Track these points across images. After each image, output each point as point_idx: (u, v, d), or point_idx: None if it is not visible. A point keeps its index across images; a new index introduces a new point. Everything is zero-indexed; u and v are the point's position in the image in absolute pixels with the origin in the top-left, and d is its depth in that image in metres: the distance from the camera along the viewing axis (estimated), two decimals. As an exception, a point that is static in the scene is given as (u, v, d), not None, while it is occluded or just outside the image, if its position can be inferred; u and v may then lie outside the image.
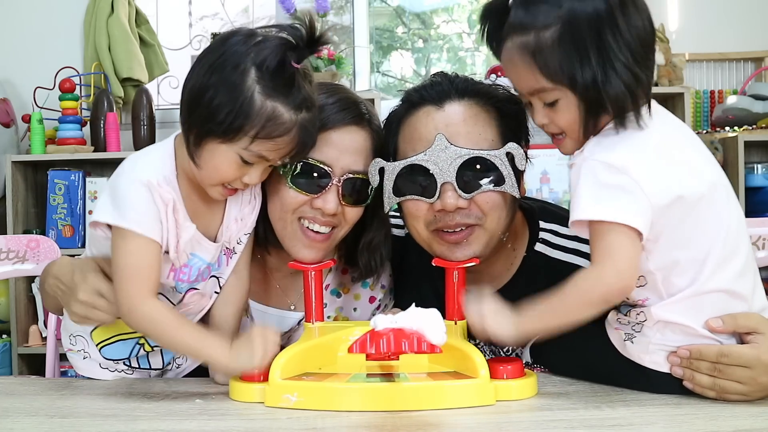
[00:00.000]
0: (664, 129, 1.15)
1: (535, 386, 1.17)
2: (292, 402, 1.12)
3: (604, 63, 1.08)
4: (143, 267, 1.20)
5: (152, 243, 1.21)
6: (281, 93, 1.18)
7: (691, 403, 1.11)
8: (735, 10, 3.50)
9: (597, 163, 1.09)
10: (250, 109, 1.16)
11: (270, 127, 1.17)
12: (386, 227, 1.51)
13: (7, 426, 1.08)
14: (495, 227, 1.37)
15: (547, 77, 1.11)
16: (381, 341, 1.06)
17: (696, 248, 1.10)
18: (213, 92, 1.17)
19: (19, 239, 1.83)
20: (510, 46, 1.14)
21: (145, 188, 1.20)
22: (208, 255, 1.31)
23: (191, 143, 1.21)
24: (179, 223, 1.24)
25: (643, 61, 1.11)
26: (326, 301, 1.56)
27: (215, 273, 1.36)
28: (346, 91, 1.48)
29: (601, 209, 1.07)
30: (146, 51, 3.43)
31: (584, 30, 1.08)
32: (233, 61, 1.17)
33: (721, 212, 1.12)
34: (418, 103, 1.40)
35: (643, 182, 1.07)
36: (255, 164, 1.23)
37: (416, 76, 4.25)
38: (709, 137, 3.25)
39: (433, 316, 1.09)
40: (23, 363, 3.07)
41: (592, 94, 1.09)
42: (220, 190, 1.26)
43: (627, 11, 1.09)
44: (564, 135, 1.17)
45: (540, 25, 1.10)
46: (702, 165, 1.14)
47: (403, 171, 1.35)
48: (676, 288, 1.11)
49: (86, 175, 3.17)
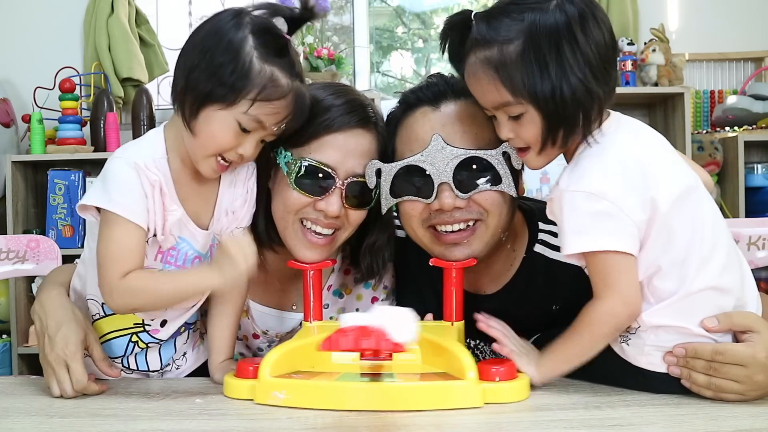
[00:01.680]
0: (631, 142, 1.15)
1: (527, 389, 1.16)
2: (281, 399, 1.13)
3: (560, 77, 1.09)
4: (125, 252, 1.21)
5: (136, 228, 1.21)
6: (277, 60, 1.22)
7: (691, 403, 1.11)
8: (735, 10, 3.50)
9: (574, 193, 1.11)
10: (251, 71, 1.20)
11: (269, 89, 1.21)
12: (389, 230, 1.51)
13: (7, 426, 1.08)
14: (497, 224, 1.37)
15: (511, 91, 1.12)
16: (344, 339, 1.06)
17: (675, 251, 1.11)
18: (213, 55, 1.20)
19: (19, 239, 1.83)
20: (473, 60, 1.15)
21: (131, 169, 1.22)
22: (197, 243, 1.31)
23: (187, 112, 1.23)
24: (166, 205, 1.25)
25: (602, 77, 1.11)
26: (328, 302, 1.57)
27: None
28: (354, 92, 1.47)
29: (591, 240, 1.09)
30: (146, 51, 3.43)
31: (544, 43, 1.09)
32: (227, 31, 1.21)
33: (695, 213, 1.13)
34: (414, 104, 1.41)
35: (622, 203, 1.08)
36: (252, 133, 1.24)
37: (416, 76, 4.25)
38: (709, 137, 3.25)
39: (401, 314, 1.10)
40: (23, 363, 3.07)
41: (550, 107, 1.10)
42: (212, 164, 1.26)
43: (586, 25, 1.10)
44: (529, 149, 1.18)
45: (503, 39, 1.11)
46: (673, 170, 1.15)
47: (399, 172, 1.35)
48: (661, 291, 1.12)
49: (86, 175, 3.17)
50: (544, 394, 1.18)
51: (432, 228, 1.37)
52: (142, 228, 1.22)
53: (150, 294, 1.23)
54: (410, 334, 1.08)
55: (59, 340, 1.24)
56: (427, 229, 1.38)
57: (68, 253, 2.05)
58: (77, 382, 1.21)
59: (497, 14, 1.13)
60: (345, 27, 3.84)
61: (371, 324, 1.08)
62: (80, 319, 1.29)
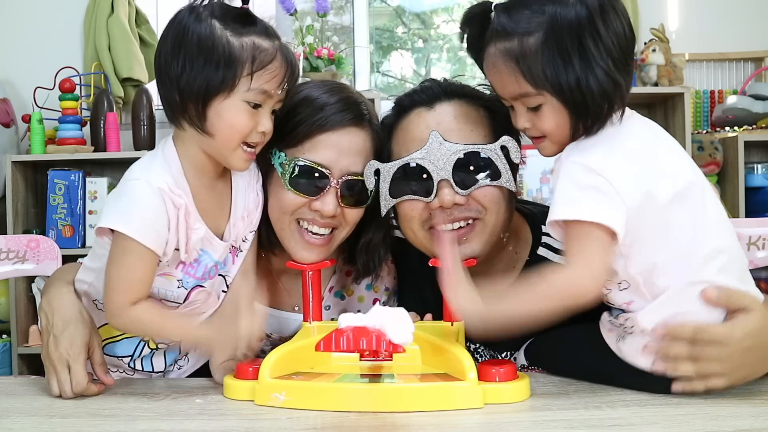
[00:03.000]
0: (638, 133, 1.16)
1: (527, 390, 1.16)
2: (281, 401, 1.13)
3: (585, 68, 1.09)
4: (136, 280, 1.22)
5: (150, 255, 1.21)
6: (250, 29, 1.23)
7: (691, 403, 1.10)
8: (735, 10, 3.50)
9: (574, 164, 1.11)
10: (233, 52, 1.21)
11: (259, 56, 1.22)
12: (385, 228, 1.51)
13: (7, 426, 1.08)
14: (495, 222, 1.37)
15: (531, 83, 1.12)
16: (341, 339, 1.06)
17: (673, 249, 1.11)
18: (196, 62, 1.20)
19: (19, 239, 1.83)
20: (493, 51, 1.16)
21: (156, 196, 1.21)
22: (216, 253, 1.32)
23: (195, 119, 1.22)
24: (189, 225, 1.25)
25: (623, 67, 1.12)
26: (330, 304, 1.56)
27: (222, 272, 1.36)
28: (348, 90, 1.47)
29: (579, 210, 1.08)
30: (146, 51, 3.43)
31: (566, 36, 1.09)
32: (193, 28, 1.21)
33: (696, 211, 1.12)
34: (409, 106, 1.41)
35: (618, 183, 1.08)
36: (263, 105, 1.24)
37: (416, 76, 4.25)
38: (709, 137, 3.25)
39: (398, 315, 1.09)
40: (23, 363, 3.07)
41: (576, 98, 1.11)
42: (241, 155, 1.26)
43: (607, 17, 1.10)
44: (544, 138, 1.18)
45: (523, 30, 1.11)
46: (676, 166, 1.15)
47: (399, 171, 1.35)
48: (659, 289, 1.12)
49: (86, 175, 3.17)
50: (544, 394, 1.18)
51: (432, 229, 1.37)
52: (157, 255, 1.22)
53: (153, 330, 1.29)
54: (408, 335, 1.08)
55: (64, 340, 1.24)
56: (428, 231, 1.38)
57: (68, 253, 2.05)
58: (77, 384, 1.21)
59: (517, 6, 1.14)
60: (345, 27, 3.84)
61: (369, 324, 1.07)
62: (87, 320, 1.29)
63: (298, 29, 3.20)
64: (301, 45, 3.15)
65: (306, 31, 3.17)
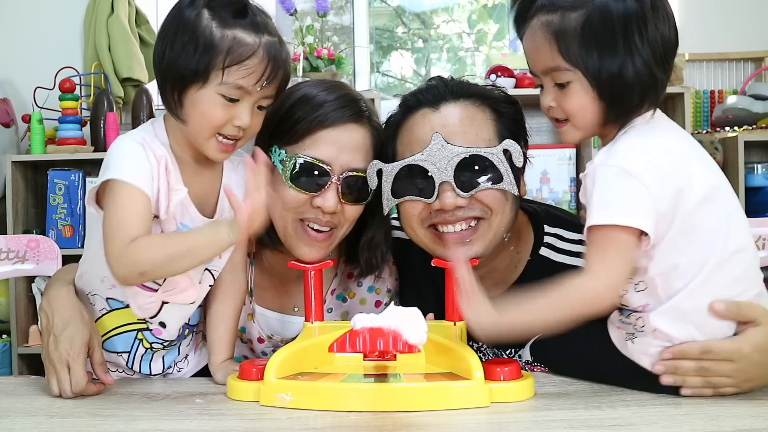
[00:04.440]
0: (668, 134, 1.16)
1: (531, 388, 1.16)
2: (287, 401, 1.13)
3: (626, 55, 1.10)
4: (130, 216, 1.19)
5: (141, 194, 1.20)
6: (237, 22, 1.21)
7: (691, 403, 1.10)
8: (735, 10, 3.50)
9: (608, 167, 1.11)
10: (212, 42, 1.19)
11: (235, 51, 1.20)
12: (386, 225, 1.51)
13: (7, 426, 1.08)
14: (499, 223, 1.37)
15: (566, 57, 1.13)
16: (357, 340, 1.06)
17: (695, 252, 1.10)
18: (176, 45, 1.21)
19: (19, 239, 1.83)
20: (535, 23, 1.16)
21: (138, 145, 1.22)
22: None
23: (174, 104, 1.23)
24: (171, 184, 1.24)
25: (663, 65, 1.13)
26: (332, 306, 1.57)
27: (209, 266, 1.35)
28: (347, 88, 1.48)
29: (615, 214, 1.08)
30: (146, 51, 3.42)
31: (613, 23, 1.10)
32: (186, 14, 1.21)
33: (721, 215, 1.12)
34: (414, 106, 1.41)
35: (651, 186, 1.08)
36: (240, 101, 1.22)
37: (416, 76, 4.25)
38: (709, 137, 3.25)
39: (413, 315, 1.09)
40: (23, 363, 3.07)
41: (608, 82, 1.11)
42: (215, 145, 1.25)
43: (657, 15, 1.12)
44: (567, 121, 1.18)
45: (569, 6, 1.12)
46: (703, 169, 1.15)
47: (401, 172, 1.35)
48: (673, 291, 1.12)
49: (86, 175, 3.16)
50: (545, 394, 1.18)
51: (432, 228, 1.37)
52: (148, 195, 1.20)
53: (158, 253, 1.19)
54: (423, 335, 1.07)
55: (64, 340, 1.24)
56: (428, 229, 1.38)
57: (68, 253, 2.05)
58: (76, 384, 1.21)
59: None
60: (345, 27, 3.84)
61: (384, 325, 1.07)
62: (87, 320, 1.29)
63: (298, 29, 3.20)
64: (301, 45, 3.15)
65: (306, 31, 3.17)
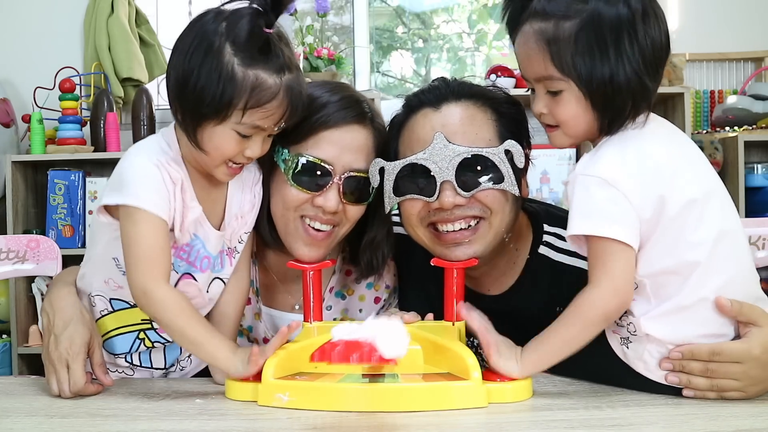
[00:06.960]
0: (653, 139, 1.15)
1: (530, 389, 1.16)
2: (285, 401, 1.13)
3: (617, 62, 1.10)
4: (155, 249, 1.20)
5: (161, 222, 1.21)
6: (260, 60, 1.19)
7: (691, 403, 1.11)
8: (735, 10, 3.50)
9: (588, 177, 1.11)
10: (234, 83, 1.18)
11: (257, 95, 1.19)
12: (388, 225, 1.51)
13: (7, 426, 1.08)
14: (500, 223, 1.37)
15: (558, 66, 1.13)
16: (333, 352, 1.05)
17: (684, 255, 1.10)
18: (195, 78, 1.18)
19: (19, 239, 1.83)
20: (527, 29, 1.16)
21: (154, 167, 1.22)
22: (209, 243, 1.32)
23: (190, 131, 1.23)
24: (186, 203, 1.25)
25: (653, 72, 1.13)
26: (331, 303, 1.57)
27: (218, 274, 1.36)
28: (349, 89, 1.49)
29: (595, 224, 1.10)
30: (146, 51, 3.43)
31: (604, 30, 1.10)
32: (207, 42, 1.18)
33: (713, 221, 1.12)
34: (416, 106, 1.42)
35: (632, 196, 1.09)
36: (253, 136, 1.24)
37: (416, 76, 4.25)
38: (709, 137, 3.25)
39: (393, 327, 1.07)
40: (23, 363, 3.07)
41: (600, 91, 1.11)
42: (224, 170, 1.27)
43: (648, 21, 1.12)
44: (558, 127, 1.18)
45: (561, 14, 1.12)
46: (694, 174, 1.15)
47: (403, 171, 1.36)
48: (665, 294, 1.12)
49: (86, 175, 3.17)
50: (545, 394, 1.17)
51: (432, 227, 1.38)
52: (166, 222, 1.22)
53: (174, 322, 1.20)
54: (401, 349, 1.05)
55: (64, 340, 1.25)
56: (427, 228, 1.38)
57: (68, 253, 2.05)
58: (74, 383, 1.21)
59: None
60: (345, 27, 3.84)
61: (362, 337, 1.06)
62: (87, 321, 1.29)
63: (298, 29, 3.20)
64: (301, 45, 3.15)
65: (306, 31, 3.18)
